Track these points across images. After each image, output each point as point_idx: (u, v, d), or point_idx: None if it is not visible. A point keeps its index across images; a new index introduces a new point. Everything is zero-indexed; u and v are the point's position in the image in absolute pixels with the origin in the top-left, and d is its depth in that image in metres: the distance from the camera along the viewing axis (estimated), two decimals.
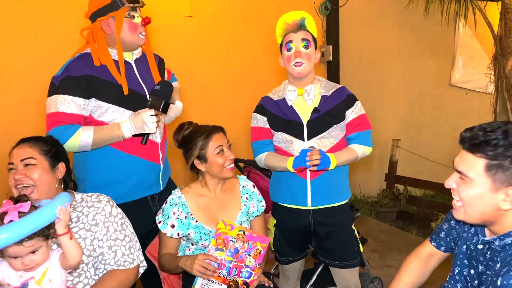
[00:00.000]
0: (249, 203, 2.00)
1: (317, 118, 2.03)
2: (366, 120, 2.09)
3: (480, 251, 1.37)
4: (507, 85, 3.77)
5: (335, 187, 2.08)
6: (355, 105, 2.07)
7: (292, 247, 2.17)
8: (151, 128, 1.88)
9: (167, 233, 1.86)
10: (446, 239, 1.58)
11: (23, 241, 1.29)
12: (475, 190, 1.26)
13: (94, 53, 1.92)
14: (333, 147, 2.04)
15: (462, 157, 1.29)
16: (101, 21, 1.92)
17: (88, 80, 1.87)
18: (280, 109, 2.11)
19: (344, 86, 2.15)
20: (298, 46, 2.03)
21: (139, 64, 2.04)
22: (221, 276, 1.76)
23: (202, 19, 3.89)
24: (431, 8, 4.24)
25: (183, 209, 1.89)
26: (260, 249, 1.78)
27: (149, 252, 2.00)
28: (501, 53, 3.75)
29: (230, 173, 1.93)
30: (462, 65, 5.44)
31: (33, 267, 1.34)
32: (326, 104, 2.06)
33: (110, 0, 1.89)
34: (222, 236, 1.77)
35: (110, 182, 1.93)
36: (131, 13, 1.92)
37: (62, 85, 1.85)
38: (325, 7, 4.35)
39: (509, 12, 3.61)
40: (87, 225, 1.60)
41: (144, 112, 1.89)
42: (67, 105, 1.83)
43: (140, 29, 1.95)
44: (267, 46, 4.18)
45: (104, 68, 1.91)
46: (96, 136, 1.85)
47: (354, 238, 2.12)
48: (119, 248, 1.61)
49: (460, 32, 5.34)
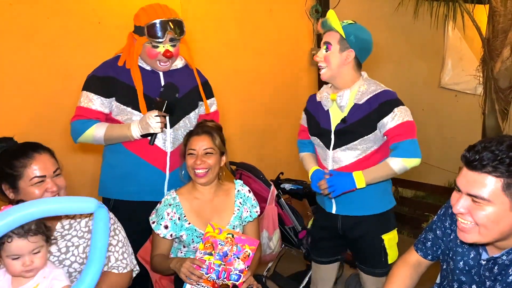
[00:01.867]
0: (242, 208, 2.00)
1: (344, 129, 1.93)
2: (408, 129, 1.87)
3: (485, 266, 1.35)
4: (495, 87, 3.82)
5: (361, 198, 1.97)
6: (393, 112, 1.87)
7: (321, 247, 2.17)
8: (154, 128, 1.95)
9: (160, 234, 1.86)
10: (432, 249, 1.57)
11: (28, 235, 1.29)
12: (494, 211, 1.18)
13: (124, 54, 2.07)
14: (361, 160, 1.94)
15: (471, 178, 1.20)
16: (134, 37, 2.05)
17: (110, 80, 2.03)
18: (318, 112, 2.05)
19: (387, 90, 1.94)
20: (321, 50, 1.96)
21: (171, 75, 2.11)
22: (210, 280, 1.76)
23: (193, 22, 3.88)
24: (420, 10, 4.29)
25: (177, 210, 1.89)
26: (249, 252, 1.79)
27: (140, 256, 2.00)
28: (489, 55, 3.81)
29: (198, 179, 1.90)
30: (452, 67, 5.49)
31: (31, 270, 1.33)
32: (356, 113, 1.92)
33: (138, 24, 2.01)
34: (211, 240, 1.77)
35: (119, 176, 2.08)
36: (153, 44, 2.00)
37: (89, 82, 2.06)
38: (315, 10, 4.37)
39: (496, 15, 3.66)
40: (79, 232, 1.60)
41: (148, 113, 1.97)
42: (88, 101, 2.02)
43: (160, 57, 2.02)
44: (258, 48, 4.19)
45: (126, 71, 2.04)
46: (107, 132, 2.01)
47: (382, 249, 2.01)
48: (112, 254, 1.61)
49: (449, 34, 5.39)
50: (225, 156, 1.99)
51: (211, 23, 3.96)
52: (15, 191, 1.53)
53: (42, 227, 1.34)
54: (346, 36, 1.90)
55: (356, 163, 1.95)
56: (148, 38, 1.98)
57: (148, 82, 2.05)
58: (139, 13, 2.02)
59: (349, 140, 1.93)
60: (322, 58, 1.94)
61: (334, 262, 2.20)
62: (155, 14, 1.97)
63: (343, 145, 1.95)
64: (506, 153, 1.16)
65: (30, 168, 1.50)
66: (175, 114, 2.05)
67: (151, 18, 1.97)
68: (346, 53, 1.91)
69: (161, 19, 1.96)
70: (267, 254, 2.59)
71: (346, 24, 1.92)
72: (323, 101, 2.02)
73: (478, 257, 1.38)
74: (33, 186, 1.50)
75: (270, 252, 2.60)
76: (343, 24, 1.92)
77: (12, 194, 1.53)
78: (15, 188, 1.52)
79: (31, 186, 1.50)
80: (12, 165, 1.51)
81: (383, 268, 2.02)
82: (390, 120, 1.88)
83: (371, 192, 1.97)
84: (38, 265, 1.34)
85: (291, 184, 3.04)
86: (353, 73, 1.96)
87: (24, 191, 1.51)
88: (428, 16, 4.30)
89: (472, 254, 1.40)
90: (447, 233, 1.50)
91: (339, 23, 1.91)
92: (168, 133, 2.07)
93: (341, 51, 1.91)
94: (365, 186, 1.90)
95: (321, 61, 1.95)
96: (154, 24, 1.96)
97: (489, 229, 1.21)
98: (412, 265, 1.61)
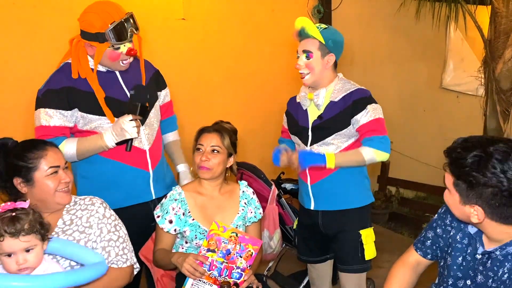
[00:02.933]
0: (246, 209, 2.01)
1: (320, 125, 2.03)
2: (380, 125, 1.98)
3: (479, 260, 1.38)
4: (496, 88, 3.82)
5: (339, 192, 2.06)
6: (365, 110, 1.97)
7: (308, 246, 2.22)
8: (131, 133, 1.88)
9: (164, 228, 1.88)
10: (432, 248, 1.58)
11: (19, 234, 1.30)
12: (451, 198, 1.36)
13: (74, 65, 1.93)
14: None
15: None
16: (85, 42, 1.91)
17: (68, 91, 1.90)
18: (297, 112, 2.14)
19: (361, 88, 2.04)
20: (301, 58, 2.03)
21: (126, 71, 2.01)
22: (212, 276, 1.77)
23: (195, 22, 3.89)
24: (422, 11, 4.29)
25: (181, 205, 1.91)
26: (252, 251, 1.80)
27: (142, 254, 2.00)
28: (491, 56, 3.80)
29: (201, 174, 1.93)
30: (453, 68, 5.49)
31: (26, 268, 1.33)
32: (331, 110, 2.02)
33: (94, 31, 1.86)
34: (215, 238, 1.78)
35: (99, 188, 1.94)
36: (115, 46, 1.89)
37: (44, 98, 1.90)
38: (317, 10, 4.38)
39: (498, 16, 3.66)
40: (80, 227, 1.61)
41: (122, 118, 1.89)
42: (48, 118, 1.88)
43: (123, 57, 1.93)
44: (260, 48, 4.19)
45: (83, 79, 1.92)
46: (79, 147, 1.89)
47: (359, 244, 2.07)
48: (112, 248, 1.62)
49: (451, 35, 5.39)
50: (233, 158, 2.00)
51: (213, 23, 3.97)
52: (29, 184, 1.55)
53: (36, 227, 1.33)
54: (325, 42, 1.97)
55: None
56: (112, 42, 1.86)
57: (107, 84, 1.95)
58: (91, 19, 1.86)
59: (325, 136, 2.02)
60: (303, 65, 2.01)
61: (325, 261, 2.25)
62: (110, 17, 1.85)
63: (319, 140, 2.04)
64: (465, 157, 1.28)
65: (45, 159, 1.54)
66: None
67: (108, 21, 1.84)
68: (327, 57, 2.00)
69: (120, 20, 1.85)
70: (267, 254, 2.60)
71: (323, 30, 1.98)
72: (301, 101, 2.12)
73: (474, 251, 1.41)
74: (48, 178, 1.54)
75: (270, 252, 2.60)
76: (320, 30, 1.98)
77: (25, 188, 1.56)
78: (29, 181, 1.54)
79: (46, 177, 1.54)
80: (26, 158, 1.54)
81: (360, 264, 2.08)
82: (363, 116, 1.97)
83: (349, 186, 2.06)
84: (32, 264, 1.34)
85: (292, 184, 3.05)
86: (331, 73, 2.06)
87: (38, 184, 1.54)
88: (430, 17, 4.30)
89: (469, 250, 1.43)
90: (447, 230, 1.52)
91: (317, 31, 1.97)
92: (142, 131, 2.00)
93: (322, 56, 2.00)
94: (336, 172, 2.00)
95: (303, 69, 2.02)
96: (116, 27, 1.84)
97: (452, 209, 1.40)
98: (411, 265, 1.61)
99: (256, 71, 4.21)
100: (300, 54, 2.03)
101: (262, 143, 4.23)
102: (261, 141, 4.23)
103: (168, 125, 2.29)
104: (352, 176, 2.07)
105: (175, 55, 3.70)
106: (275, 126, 4.40)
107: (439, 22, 4.29)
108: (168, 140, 2.30)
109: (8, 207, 1.35)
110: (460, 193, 1.31)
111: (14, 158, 1.55)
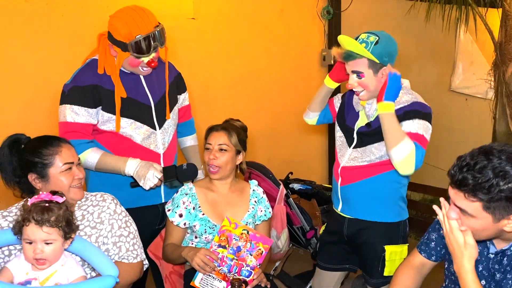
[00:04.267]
0: (257, 207, 2.03)
1: (366, 132, 1.92)
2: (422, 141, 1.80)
3: (493, 259, 1.39)
4: (506, 91, 3.80)
5: (367, 201, 1.95)
6: (412, 121, 1.81)
7: (328, 252, 2.12)
8: (147, 185, 1.88)
9: (174, 222, 1.91)
10: (436, 249, 1.59)
11: (44, 224, 1.34)
12: (478, 222, 1.28)
13: (101, 61, 1.94)
14: (371, 165, 1.92)
15: (457, 194, 1.28)
16: (108, 43, 1.93)
17: (93, 89, 1.91)
18: (349, 107, 2.03)
19: (419, 102, 1.87)
20: (351, 77, 1.87)
21: (150, 74, 2.02)
22: (221, 272, 1.79)
23: (205, 21, 3.91)
24: (432, 14, 4.27)
25: (192, 200, 1.94)
26: (262, 250, 1.81)
27: (151, 251, 2.02)
28: (501, 59, 3.79)
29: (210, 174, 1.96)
30: (462, 71, 5.47)
31: (42, 261, 1.36)
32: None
33: (118, 38, 1.87)
34: (226, 234, 1.80)
35: (110, 187, 1.94)
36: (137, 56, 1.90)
37: (70, 94, 1.90)
38: (327, 11, 4.38)
39: (509, 19, 3.64)
40: (92, 223, 1.63)
41: (154, 170, 1.88)
42: (74, 115, 1.89)
43: (143, 64, 1.93)
44: (269, 48, 4.20)
45: (107, 77, 1.93)
46: (101, 161, 1.90)
47: (381, 258, 1.95)
48: (123, 244, 1.64)
49: (461, 38, 5.37)
50: (242, 155, 2.01)
51: (223, 23, 3.99)
52: (44, 180, 1.57)
53: (61, 222, 1.37)
54: (379, 59, 1.81)
55: (370, 165, 1.94)
56: (133, 55, 1.87)
57: (130, 85, 1.97)
58: (118, 26, 1.85)
59: (370, 142, 1.91)
60: (356, 84, 1.86)
61: (339, 270, 2.14)
62: (137, 29, 1.84)
63: (363, 145, 1.94)
64: (486, 178, 1.22)
65: (60, 156, 1.57)
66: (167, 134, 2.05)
67: (134, 33, 1.84)
68: (381, 72, 1.84)
69: (145, 35, 1.85)
70: (275, 253, 2.61)
71: (374, 47, 1.80)
72: (355, 103, 2.02)
73: (486, 251, 1.41)
74: (62, 174, 1.57)
75: (278, 251, 2.61)
76: (369, 49, 1.79)
77: (40, 184, 1.58)
78: (44, 177, 1.57)
79: (60, 173, 1.57)
80: (41, 154, 1.56)
81: (378, 278, 1.98)
82: (409, 125, 1.81)
83: (378, 197, 1.95)
84: (48, 256, 1.36)
85: (300, 184, 3.06)
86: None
87: (53, 180, 1.57)
88: (440, 20, 4.28)
89: (478, 249, 1.41)
90: None
91: (367, 51, 1.79)
92: (158, 134, 2.04)
93: (375, 73, 1.84)
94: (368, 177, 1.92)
95: (356, 87, 1.88)
96: (138, 41, 1.84)
97: (477, 234, 1.31)
98: (416, 267, 1.62)
99: (265, 71, 4.22)
100: (350, 74, 1.88)
101: (270, 142, 4.24)
102: (270, 141, 4.24)
103: (186, 128, 2.31)
104: (385, 187, 1.95)
105: (184, 54, 3.71)
106: (284, 125, 4.43)
107: (449, 24, 4.27)
108: (185, 145, 2.32)
109: (45, 197, 1.39)
110: (494, 213, 1.25)
111: (29, 154, 1.57)
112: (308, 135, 4.52)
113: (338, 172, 2.02)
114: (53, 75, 3.15)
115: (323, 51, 4.47)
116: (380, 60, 1.81)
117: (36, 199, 1.40)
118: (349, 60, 1.84)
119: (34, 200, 1.39)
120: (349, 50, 1.82)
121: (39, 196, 1.41)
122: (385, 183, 1.95)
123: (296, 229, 2.84)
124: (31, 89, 3.20)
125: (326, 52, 4.47)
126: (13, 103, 3.16)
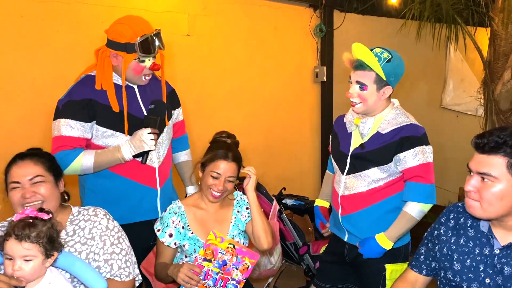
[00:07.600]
0: (239, 216, 2.02)
1: (360, 154, 1.88)
2: (427, 172, 1.82)
3: (499, 255, 1.41)
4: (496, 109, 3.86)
5: (372, 229, 1.91)
6: (412, 150, 1.80)
7: (327, 271, 2.10)
8: (150, 145, 1.92)
9: (164, 242, 1.89)
10: (426, 262, 1.60)
11: (23, 240, 1.32)
12: (500, 188, 1.34)
13: (99, 76, 1.96)
14: (371, 190, 1.90)
15: (481, 160, 1.37)
16: (111, 52, 1.95)
17: (88, 103, 1.92)
18: (342, 132, 2.01)
19: (414, 124, 1.87)
20: (353, 87, 1.85)
21: (144, 88, 2.05)
22: (206, 286, 1.77)
23: (200, 38, 3.95)
24: (423, 32, 4.34)
25: (181, 219, 1.92)
26: (248, 264, 1.80)
27: (144, 267, 2.01)
28: (490, 77, 3.85)
29: (211, 198, 1.93)
30: (453, 88, 5.55)
31: (21, 278, 1.33)
32: (376, 142, 1.86)
33: (124, 41, 1.90)
34: (212, 247, 1.79)
35: (106, 203, 1.94)
36: (141, 58, 1.94)
37: (64, 109, 1.91)
38: (320, 29, 4.45)
39: (497, 38, 3.71)
40: (83, 238, 1.62)
41: (141, 131, 1.93)
42: (69, 129, 1.89)
43: (146, 71, 1.97)
44: (263, 65, 4.25)
45: (104, 92, 1.95)
46: (97, 159, 1.90)
47: (381, 278, 1.93)
48: (115, 261, 1.63)
49: (451, 56, 5.45)
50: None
51: (218, 40, 4.03)
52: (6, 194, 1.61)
53: (43, 239, 1.35)
54: (386, 77, 1.81)
55: (368, 193, 1.91)
56: (139, 54, 1.91)
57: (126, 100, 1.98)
58: (122, 29, 1.90)
59: (363, 168, 1.89)
60: (356, 95, 1.85)
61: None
62: (141, 29, 1.91)
63: (356, 171, 1.91)
64: (510, 137, 1.33)
65: (9, 174, 1.60)
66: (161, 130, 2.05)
67: (138, 33, 1.89)
68: (383, 90, 1.84)
69: (151, 34, 1.92)
70: (267, 269, 2.60)
71: (385, 63, 1.80)
72: (347, 123, 1.99)
73: (488, 249, 1.43)
74: (12, 191, 1.58)
75: (270, 267, 2.61)
76: (381, 64, 1.79)
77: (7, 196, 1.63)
78: (7, 191, 1.61)
79: (11, 190, 1.58)
80: (5, 171, 1.61)
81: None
82: (410, 159, 1.81)
83: (383, 226, 1.91)
84: (26, 274, 1.33)
85: (293, 200, 3.07)
86: (385, 102, 1.91)
87: (9, 194, 1.60)
88: (430, 38, 4.36)
89: (477, 250, 1.45)
90: (443, 240, 1.54)
91: (379, 65, 1.79)
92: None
93: (378, 89, 1.84)
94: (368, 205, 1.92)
95: (355, 98, 1.86)
96: (146, 39, 1.90)
97: (493, 204, 1.36)
98: (410, 282, 1.63)
99: (259, 87, 4.25)
100: (353, 83, 1.86)
101: (264, 158, 4.26)
102: (263, 156, 4.26)
103: (180, 143, 2.32)
104: (387, 214, 1.92)
105: (179, 70, 3.74)
106: (277, 141, 4.45)
107: (439, 43, 4.35)
108: (179, 160, 2.33)
109: (30, 213, 1.39)
110: None
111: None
112: (302, 151, 4.55)
113: (338, 201, 2.00)
114: (48, 91, 3.16)
115: (316, 67, 4.53)
116: (387, 78, 1.82)
117: (20, 214, 1.39)
118: (358, 69, 1.83)
119: (19, 216, 1.38)
120: (361, 60, 1.81)
121: (23, 211, 1.40)
122: (387, 210, 1.93)
123: (289, 245, 2.83)
124: (26, 104, 3.20)
125: (319, 69, 4.53)
126: (7, 118, 3.16)
